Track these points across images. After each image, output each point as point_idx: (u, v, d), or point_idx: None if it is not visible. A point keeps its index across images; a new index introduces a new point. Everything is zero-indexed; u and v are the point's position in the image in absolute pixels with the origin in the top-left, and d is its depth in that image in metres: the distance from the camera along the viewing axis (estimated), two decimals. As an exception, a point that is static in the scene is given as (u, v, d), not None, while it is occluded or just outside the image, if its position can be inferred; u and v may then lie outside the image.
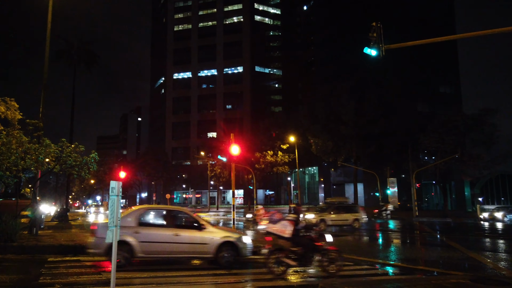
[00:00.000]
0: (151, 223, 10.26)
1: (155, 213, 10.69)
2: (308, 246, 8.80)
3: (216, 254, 9.85)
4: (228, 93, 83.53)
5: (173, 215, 10.49)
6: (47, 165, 15.24)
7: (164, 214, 10.45)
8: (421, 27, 53.62)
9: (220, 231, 10.43)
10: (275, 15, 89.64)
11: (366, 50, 12.39)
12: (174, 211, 10.76)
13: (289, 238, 8.75)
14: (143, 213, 10.22)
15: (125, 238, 9.24)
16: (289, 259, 8.73)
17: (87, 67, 34.68)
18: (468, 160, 39.21)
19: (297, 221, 8.89)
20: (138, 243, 9.40)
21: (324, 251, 8.93)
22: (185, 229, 10.04)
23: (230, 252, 9.95)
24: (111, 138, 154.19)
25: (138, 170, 73.11)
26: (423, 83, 57.51)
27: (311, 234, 9.08)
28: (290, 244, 8.80)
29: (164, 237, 9.67)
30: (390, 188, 42.46)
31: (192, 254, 10.04)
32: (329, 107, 42.42)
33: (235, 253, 10.00)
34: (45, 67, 17.64)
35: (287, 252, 8.79)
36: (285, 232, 8.78)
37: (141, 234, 9.52)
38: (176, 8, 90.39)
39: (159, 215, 10.54)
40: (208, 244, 9.86)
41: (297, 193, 63.22)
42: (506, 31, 12.22)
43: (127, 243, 9.27)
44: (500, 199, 59.07)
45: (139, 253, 9.42)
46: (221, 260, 9.87)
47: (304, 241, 8.84)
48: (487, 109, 39.51)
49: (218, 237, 9.98)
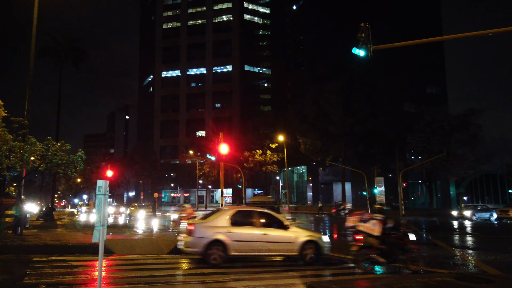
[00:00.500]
0: (242, 223, 10.76)
1: (245, 213, 11.23)
2: (395, 245, 9.46)
3: (301, 252, 10.63)
4: (217, 92, 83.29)
5: (261, 216, 11.11)
6: (32, 163, 15.00)
7: (253, 214, 11.08)
8: (408, 28, 54.27)
9: (303, 231, 11.28)
10: (264, 14, 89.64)
11: (354, 51, 12.50)
12: (261, 212, 11.37)
13: (378, 236, 9.38)
14: (234, 214, 10.82)
15: (220, 238, 10.01)
16: (377, 256, 9.37)
17: (74, 64, 34.26)
18: (453, 159, 39.83)
19: (385, 220, 9.56)
20: (231, 242, 10.09)
21: (408, 250, 9.51)
22: (272, 229, 10.73)
23: (313, 250, 10.73)
24: (98, 136, 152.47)
25: (125, 169, 72.43)
26: (410, 83, 58.16)
27: (397, 233, 9.74)
28: (378, 242, 9.39)
29: (254, 237, 10.38)
30: (377, 187, 42.83)
31: (279, 252, 10.82)
32: (318, 107, 42.61)
33: (317, 251, 10.78)
34: (31, 64, 17.35)
35: (375, 250, 9.39)
36: (374, 230, 9.41)
37: (234, 233, 10.22)
38: (165, 5, 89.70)
39: (248, 215, 11.09)
40: (293, 243, 10.63)
41: (286, 192, 63.43)
42: (491, 33, 12.46)
43: (221, 242, 9.99)
44: (485, 198, 60.14)
45: (232, 252, 10.09)
46: (305, 258, 10.65)
47: (391, 240, 9.51)
48: (472, 109, 40.19)
49: (302, 237, 10.80)
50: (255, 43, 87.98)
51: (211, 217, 10.75)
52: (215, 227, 10.19)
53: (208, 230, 10.13)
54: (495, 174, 61.29)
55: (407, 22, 57.04)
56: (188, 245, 10.22)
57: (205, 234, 10.05)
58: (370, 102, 41.15)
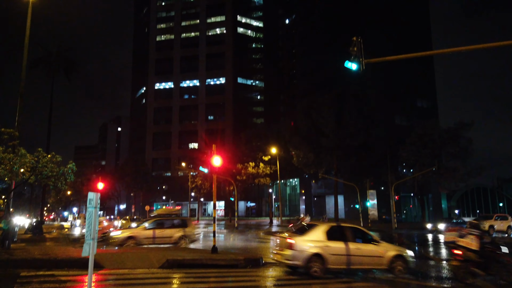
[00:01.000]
0: (336, 238, 11.42)
1: (338, 229, 11.99)
2: (491, 258, 10.15)
3: (390, 265, 11.35)
4: (210, 104, 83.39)
5: (352, 231, 11.91)
6: (22, 175, 14.78)
7: (345, 230, 11.85)
8: (399, 42, 55.20)
9: (391, 245, 12.17)
10: (257, 28, 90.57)
11: (347, 64, 12.61)
12: (353, 228, 12.22)
13: (476, 250, 10.06)
14: (329, 229, 11.55)
15: (319, 252, 10.76)
16: (477, 269, 10.06)
17: (66, 75, 34.10)
18: (444, 172, 40.11)
19: (482, 235, 10.31)
20: (329, 256, 10.82)
21: (502, 262, 10.18)
22: (364, 244, 11.53)
23: (401, 263, 11.47)
24: (89, 148, 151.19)
25: (117, 181, 71.67)
26: (400, 96, 58.89)
27: (492, 247, 10.40)
28: (476, 256, 10.07)
29: (349, 251, 11.11)
30: (370, 200, 42.93)
31: (370, 266, 11.52)
32: (310, 119, 42.79)
33: (405, 265, 11.53)
34: (23, 75, 17.24)
35: (473, 263, 10.09)
36: (473, 245, 10.13)
37: (331, 248, 10.95)
38: (159, 18, 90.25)
39: (342, 230, 11.83)
40: (383, 257, 11.36)
41: (279, 205, 63.18)
42: (480, 48, 12.68)
43: (320, 256, 10.73)
44: (476, 211, 60.51)
45: (329, 265, 10.83)
46: (394, 270, 11.37)
47: (489, 254, 10.18)
48: (462, 123, 40.65)
49: (391, 251, 11.60)
50: (248, 56, 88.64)
51: (309, 232, 11.46)
52: (314, 241, 10.96)
53: (308, 245, 10.89)
54: (486, 187, 61.87)
55: (398, 36, 58.00)
56: (289, 258, 10.88)
57: (305, 248, 10.82)
58: (362, 115, 41.46)
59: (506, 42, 11.95)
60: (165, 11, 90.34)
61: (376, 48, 31.75)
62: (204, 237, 27.02)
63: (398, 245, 11.61)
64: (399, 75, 57.43)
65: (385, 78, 55.69)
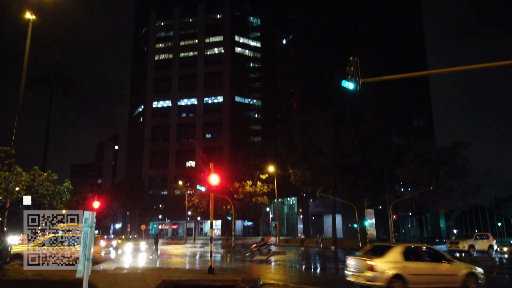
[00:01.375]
0: (413, 258, 11.89)
1: (413, 249, 12.69)
2: None
3: (463, 283, 11.62)
4: (208, 123, 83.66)
5: (426, 251, 12.46)
6: (17, 194, 14.60)
7: (419, 250, 12.53)
8: (395, 62, 55.99)
9: (462, 264, 12.53)
10: (255, 48, 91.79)
11: (344, 84, 12.72)
12: (426, 248, 12.79)
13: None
14: (405, 250, 11.89)
15: (399, 272, 11.01)
16: None
17: (64, 94, 34.08)
18: (442, 192, 40.02)
19: None
20: (408, 276, 11.08)
21: None
22: (438, 263, 11.88)
23: (473, 281, 11.73)
24: (86, 166, 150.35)
25: (113, 200, 71.03)
26: (397, 116, 59.31)
27: None
28: None
29: (426, 270, 11.51)
30: (368, 220, 42.62)
31: (445, 284, 11.66)
32: (307, 138, 42.88)
33: (476, 282, 11.80)
34: (21, 93, 17.27)
35: None
36: None
37: (409, 268, 11.27)
38: (158, 38, 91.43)
39: (416, 251, 12.50)
40: (457, 275, 11.69)
41: (276, 224, 62.63)
42: (474, 69, 12.85)
43: (401, 276, 10.98)
44: (474, 231, 60.19)
45: (409, 284, 11.01)
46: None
47: None
48: (458, 142, 40.82)
49: (464, 269, 11.93)
50: (246, 74, 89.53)
51: (386, 253, 11.65)
52: (392, 262, 11.22)
53: (387, 266, 11.15)
54: (484, 207, 61.67)
55: (394, 56, 58.87)
56: (370, 279, 11.15)
57: (386, 269, 11.08)
58: (358, 133, 41.61)
59: (502, 62, 12.12)
60: (164, 31, 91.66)
61: (372, 68, 32.35)
62: (201, 257, 26.64)
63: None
64: (396, 95, 58.04)
65: (382, 98, 56.21)
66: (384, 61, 55.72)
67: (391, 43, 61.20)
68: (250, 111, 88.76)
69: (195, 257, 27.27)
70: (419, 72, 14.17)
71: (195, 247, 42.70)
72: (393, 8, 63.97)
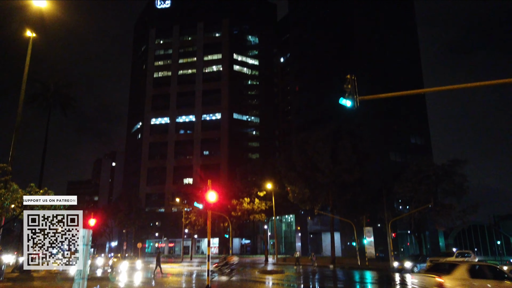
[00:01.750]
0: (478, 275, 12.26)
1: (478, 267, 13.03)
2: None
3: None
4: (206, 139, 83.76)
5: (490, 269, 12.85)
6: (12, 211, 14.46)
7: (483, 267, 12.94)
8: (392, 80, 56.55)
9: None
10: (253, 66, 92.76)
11: (341, 101, 12.81)
12: (490, 266, 13.25)
13: None
14: (471, 268, 12.41)
15: None
16: None
17: (62, 111, 34.22)
18: (440, 209, 39.82)
19: None
20: None
21: None
22: (501, 281, 12.17)
23: None
24: (83, 183, 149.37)
25: (109, 217, 70.35)
26: (394, 133, 59.52)
27: None
28: None
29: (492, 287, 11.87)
30: (367, 238, 42.24)
31: None
32: (305, 155, 42.80)
33: None
34: (19, 110, 17.30)
35: None
36: None
37: (475, 285, 11.76)
38: (157, 55, 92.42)
39: (481, 269, 12.83)
40: None
41: (274, 242, 61.97)
42: (470, 87, 12.97)
43: None
44: (474, 249, 59.67)
45: None
46: None
47: None
48: (456, 160, 40.84)
49: None
50: (244, 92, 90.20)
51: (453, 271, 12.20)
52: (460, 280, 11.77)
53: (456, 283, 11.67)
54: (483, 225, 61.35)
55: (391, 74, 59.50)
56: None
57: (454, 286, 11.63)
58: (356, 151, 41.59)
59: (499, 81, 12.26)
60: (163, 49, 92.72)
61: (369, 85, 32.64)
62: (197, 276, 26.25)
63: None
64: (393, 112, 58.37)
65: (379, 115, 56.53)
66: (381, 80, 56.28)
67: (388, 62, 61.93)
68: (248, 128, 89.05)
69: (191, 276, 26.87)
70: (414, 90, 14.31)
71: (192, 265, 42.09)
72: (390, 28, 65.02)
